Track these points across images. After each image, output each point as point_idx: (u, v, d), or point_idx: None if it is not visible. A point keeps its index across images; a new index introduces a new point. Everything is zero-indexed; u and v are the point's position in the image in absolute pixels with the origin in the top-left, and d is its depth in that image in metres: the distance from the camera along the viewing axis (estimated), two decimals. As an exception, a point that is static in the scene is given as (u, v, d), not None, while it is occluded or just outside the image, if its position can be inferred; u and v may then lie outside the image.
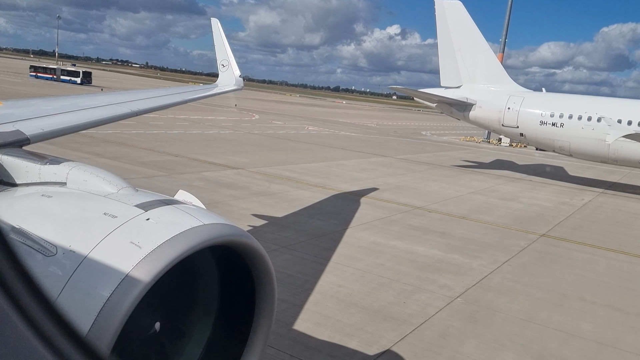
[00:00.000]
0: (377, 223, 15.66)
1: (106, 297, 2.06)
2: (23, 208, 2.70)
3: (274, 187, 19.26)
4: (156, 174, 18.29)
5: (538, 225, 17.77)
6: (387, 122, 79.73)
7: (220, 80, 12.31)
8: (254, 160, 25.25)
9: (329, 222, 15.04)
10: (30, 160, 3.11)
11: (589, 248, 15.50)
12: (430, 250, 13.45)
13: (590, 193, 26.90)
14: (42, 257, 2.22)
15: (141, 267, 2.14)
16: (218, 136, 34.30)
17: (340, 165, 27.05)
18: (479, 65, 31.21)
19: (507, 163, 37.49)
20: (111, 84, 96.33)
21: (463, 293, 10.61)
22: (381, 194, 20.35)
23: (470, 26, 31.44)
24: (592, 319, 10.04)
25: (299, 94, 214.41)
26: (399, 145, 42.93)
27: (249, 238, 2.60)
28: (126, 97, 6.78)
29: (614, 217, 21.18)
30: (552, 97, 30.54)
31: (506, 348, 8.36)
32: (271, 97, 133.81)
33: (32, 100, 6.10)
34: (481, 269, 12.32)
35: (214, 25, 13.23)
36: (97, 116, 5.27)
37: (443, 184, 24.69)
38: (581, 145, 26.49)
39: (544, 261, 13.63)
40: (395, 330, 8.52)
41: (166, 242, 2.25)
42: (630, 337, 9.33)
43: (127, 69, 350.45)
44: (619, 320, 10.10)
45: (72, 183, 2.93)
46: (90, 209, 2.59)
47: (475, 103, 30.37)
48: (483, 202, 21.16)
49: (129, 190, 2.79)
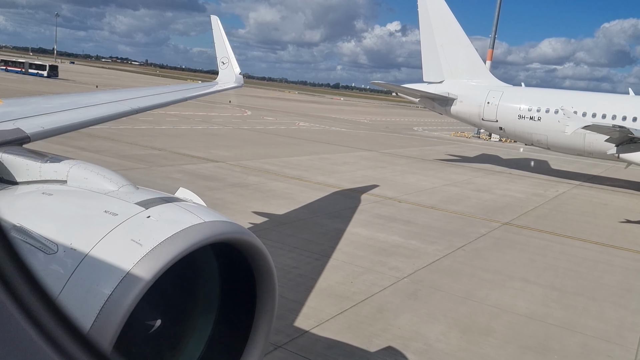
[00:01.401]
0: (345, 212, 16.31)
1: (107, 294, 2.08)
2: (24, 206, 2.71)
3: (250, 179, 19.91)
4: (135, 167, 18.96)
5: (504, 215, 18.41)
6: (381, 118, 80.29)
7: (220, 77, 12.32)
8: (236, 154, 25.90)
9: (297, 211, 15.68)
10: (30, 158, 3.13)
11: (548, 235, 16.15)
12: (391, 236, 14.10)
13: (567, 185, 27.53)
14: (44, 255, 2.23)
15: (142, 264, 2.15)
16: (206, 131, 34.93)
17: (323, 159, 27.69)
18: (460, 60, 31.81)
19: (492, 157, 38.09)
20: (108, 81, 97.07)
21: (411, 274, 11.27)
22: (356, 185, 20.96)
23: (451, 22, 32.02)
24: (528, 297, 10.70)
25: (297, 91, 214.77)
26: (387, 140, 43.52)
27: (249, 235, 2.62)
28: (126, 94, 6.84)
29: (583, 207, 21.81)
30: (530, 91, 31.15)
31: (437, 321, 9.02)
32: (269, 94, 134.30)
33: (32, 99, 6.17)
34: (435, 253, 12.97)
35: (214, 22, 13.26)
36: (97, 114, 5.31)
37: (421, 177, 25.32)
38: (558, 138, 27.08)
39: (498, 247, 14.28)
40: (336, 305, 9.17)
41: (167, 240, 2.27)
42: (560, 313, 9.98)
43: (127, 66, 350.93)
44: (554, 299, 10.76)
45: (72, 181, 2.94)
46: (91, 207, 2.61)
47: (457, 98, 30.99)
48: (456, 193, 21.79)
49: (130, 188, 2.81)
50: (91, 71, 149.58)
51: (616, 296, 11.27)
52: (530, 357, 8.05)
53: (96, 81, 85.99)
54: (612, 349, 8.63)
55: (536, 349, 8.36)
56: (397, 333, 8.35)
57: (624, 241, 16.40)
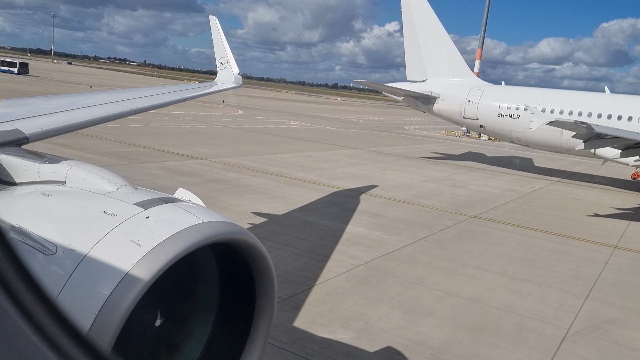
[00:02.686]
0: (317, 206, 16.88)
1: (106, 295, 2.09)
2: (22, 207, 2.71)
3: (230, 175, 20.47)
4: (116, 163, 19.51)
5: (474, 209, 18.98)
6: (375, 118, 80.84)
7: (219, 78, 12.38)
8: (220, 151, 26.46)
9: (269, 204, 16.24)
10: (29, 159, 3.14)
11: (512, 227, 16.73)
12: (357, 228, 14.66)
13: (545, 182, 28.12)
14: (42, 256, 2.24)
15: (141, 265, 2.16)
16: (194, 130, 35.48)
17: (306, 156, 28.24)
18: (442, 59, 32.42)
19: (477, 155, 38.68)
20: (104, 81, 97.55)
21: (368, 262, 11.83)
22: (334, 181, 21.52)
23: (434, 22, 32.63)
24: (477, 283, 11.27)
25: (295, 92, 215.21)
26: (375, 139, 44.09)
27: (248, 236, 2.63)
28: (125, 95, 6.85)
29: (555, 202, 22.39)
30: (510, 89, 31.75)
31: (383, 303, 9.59)
32: (265, 94, 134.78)
33: (31, 99, 6.16)
34: (396, 243, 13.54)
35: (213, 23, 13.31)
36: (96, 114, 5.32)
37: (401, 173, 25.89)
38: (536, 135, 27.64)
39: (460, 237, 14.86)
40: (289, 290, 9.72)
41: (166, 240, 2.27)
42: (504, 297, 10.55)
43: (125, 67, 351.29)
44: (502, 284, 11.33)
45: (71, 182, 2.95)
46: (90, 208, 2.61)
47: (439, 96, 31.58)
48: (432, 189, 22.36)
49: (129, 189, 2.82)
50: (87, 72, 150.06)
51: (563, 282, 11.85)
52: (463, 335, 8.61)
53: (91, 81, 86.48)
54: (544, 328, 9.19)
55: (471, 327, 8.93)
56: (341, 313, 8.92)
57: (587, 233, 16.98)
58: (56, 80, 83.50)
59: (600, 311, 10.32)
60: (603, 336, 9.13)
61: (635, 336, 9.30)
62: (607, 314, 10.23)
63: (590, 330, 9.33)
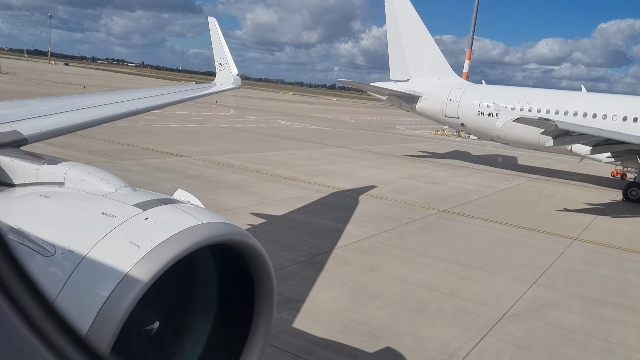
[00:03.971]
0: (290, 200, 17.42)
1: (105, 296, 2.09)
2: (21, 208, 2.72)
3: (209, 171, 21.02)
4: (97, 160, 20.04)
5: (445, 203, 19.54)
6: (367, 118, 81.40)
7: (218, 78, 12.44)
8: (204, 149, 27.00)
9: (242, 199, 16.78)
10: (28, 160, 3.15)
11: (478, 221, 17.28)
12: (325, 221, 15.21)
13: (524, 179, 28.70)
14: (41, 258, 2.24)
15: (140, 266, 2.17)
16: (181, 129, 36.04)
17: (290, 154, 28.79)
18: (425, 59, 33.04)
19: (462, 154, 39.24)
20: (100, 82, 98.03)
21: (327, 252, 12.38)
22: (312, 178, 22.06)
23: (416, 22, 33.26)
24: (430, 270, 11.82)
25: (292, 92, 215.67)
26: (363, 138, 44.66)
27: (247, 237, 2.64)
28: (124, 96, 6.89)
29: (528, 198, 22.96)
30: (489, 89, 32.37)
31: (333, 288, 10.14)
32: (261, 95, 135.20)
33: (29, 100, 6.21)
34: (360, 235, 14.08)
35: (211, 23, 13.36)
36: (95, 116, 5.35)
37: (381, 170, 26.43)
38: (514, 133, 28.19)
39: (425, 230, 15.41)
40: (246, 275, 10.27)
41: (165, 242, 2.27)
42: (452, 283, 11.10)
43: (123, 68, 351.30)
44: (453, 272, 11.88)
45: (70, 183, 2.96)
46: (89, 209, 2.62)
47: (421, 95, 32.17)
48: (408, 185, 22.92)
49: (127, 190, 2.83)
50: (83, 72, 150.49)
51: (514, 271, 12.40)
52: (404, 316, 9.16)
53: (86, 82, 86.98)
54: (483, 310, 9.75)
55: (413, 310, 9.48)
56: (290, 296, 9.46)
57: (551, 226, 17.54)
58: (79, 84, 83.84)
59: (542, 296, 10.88)
60: (539, 318, 9.69)
61: (570, 318, 9.86)
62: (548, 298, 10.79)
63: (527, 312, 9.89)
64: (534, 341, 8.67)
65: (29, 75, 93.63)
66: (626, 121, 25.43)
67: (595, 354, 8.44)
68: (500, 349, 8.24)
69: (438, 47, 33.67)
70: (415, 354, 7.80)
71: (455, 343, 8.28)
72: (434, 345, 8.17)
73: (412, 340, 8.24)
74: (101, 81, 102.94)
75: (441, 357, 7.79)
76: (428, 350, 7.98)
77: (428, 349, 8.02)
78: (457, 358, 7.81)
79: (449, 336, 8.51)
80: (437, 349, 8.05)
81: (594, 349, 8.64)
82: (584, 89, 31.23)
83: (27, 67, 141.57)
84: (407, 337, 8.33)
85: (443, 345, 8.19)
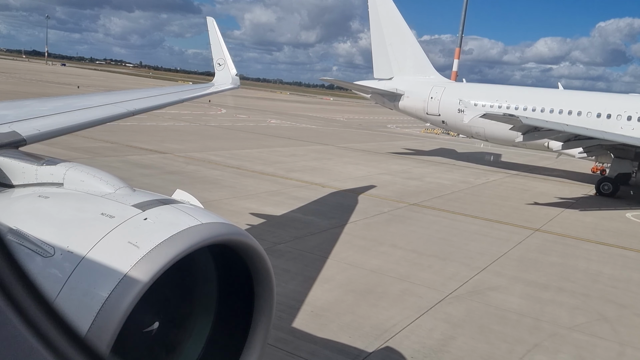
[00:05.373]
0: (264, 195, 17.99)
1: (105, 297, 2.10)
2: (20, 209, 2.72)
3: (189, 167, 21.59)
4: (79, 157, 20.57)
5: (417, 197, 20.11)
6: (360, 117, 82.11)
7: (217, 79, 12.51)
8: (188, 147, 27.56)
9: (217, 193, 17.35)
10: (26, 161, 3.16)
11: (444, 213, 17.87)
12: (293, 213, 15.78)
13: (502, 174, 29.30)
14: (40, 258, 2.25)
15: (139, 267, 2.17)
16: (169, 127, 36.58)
17: (272, 152, 29.35)
18: (407, 58, 33.69)
19: (447, 151, 39.84)
20: (95, 82, 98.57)
21: (289, 241, 12.93)
22: (290, 173, 22.62)
23: (399, 22, 33.91)
24: (385, 257, 12.39)
25: (289, 92, 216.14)
26: (351, 136, 45.24)
27: (247, 237, 2.65)
28: (122, 97, 6.92)
29: (501, 192, 23.54)
30: (470, 87, 33.04)
31: (288, 273, 10.69)
32: (257, 94, 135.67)
33: (27, 101, 6.22)
34: (325, 226, 14.65)
35: (210, 24, 13.43)
36: (93, 116, 5.39)
37: (361, 167, 27.00)
38: (493, 130, 28.79)
39: (390, 221, 15.98)
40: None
41: (164, 242, 2.28)
42: (404, 269, 11.68)
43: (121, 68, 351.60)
44: (408, 259, 12.46)
45: (69, 184, 2.97)
46: (88, 210, 2.64)
47: (404, 93, 32.80)
48: (385, 181, 23.47)
49: (126, 190, 2.85)
50: (80, 73, 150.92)
51: (467, 258, 12.98)
52: (349, 297, 9.74)
53: (80, 82, 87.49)
54: (427, 292, 10.33)
55: (360, 292, 10.06)
56: (244, 280, 10.02)
57: (516, 219, 18.12)
58: (73, 85, 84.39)
59: (488, 281, 11.46)
60: (478, 299, 10.27)
61: (509, 299, 10.44)
62: (493, 282, 11.37)
63: (469, 295, 10.47)
64: (468, 320, 9.26)
65: (25, 76, 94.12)
66: (600, 118, 26.05)
67: (522, 330, 9.02)
68: (434, 326, 8.82)
69: (420, 46, 34.40)
70: (352, 330, 8.38)
71: (392, 321, 8.86)
72: (372, 322, 8.74)
73: (351, 318, 8.82)
74: (96, 81, 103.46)
75: (375, 333, 8.37)
76: (364, 327, 8.56)
77: (365, 325, 8.60)
78: (391, 333, 8.39)
79: (387, 315, 9.09)
80: (374, 325, 8.63)
81: (523, 326, 9.22)
82: (560, 86, 31.89)
83: (24, 67, 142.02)
84: (347, 316, 8.91)
85: (380, 322, 8.77)
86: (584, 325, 9.55)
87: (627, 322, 9.93)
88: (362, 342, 8.00)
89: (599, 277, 12.51)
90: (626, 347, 8.80)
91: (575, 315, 10.01)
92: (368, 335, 8.27)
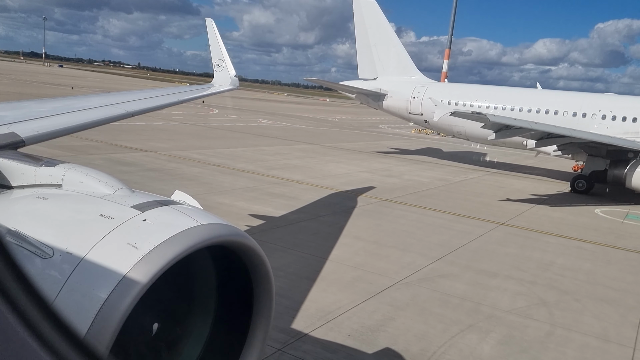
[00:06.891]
0: (239, 191, 18.52)
1: (104, 298, 2.10)
2: (19, 210, 2.73)
3: (170, 165, 22.12)
4: (62, 154, 21.09)
5: (391, 194, 20.64)
6: (353, 117, 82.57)
7: (216, 80, 12.63)
8: (173, 145, 28.09)
9: (192, 189, 17.82)
10: (25, 162, 3.17)
11: (414, 208, 18.41)
12: (265, 208, 16.31)
13: (482, 173, 29.86)
14: (39, 260, 2.25)
15: (138, 268, 2.18)
16: (158, 127, 37.09)
17: (258, 151, 29.89)
18: (391, 58, 34.33)
19: (433, 150, 40.43)
20: (91, 83, 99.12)
21: (255, 233, 13.46)
22: (270, 171, 23.16)
23: (383, 23, 34.57)
24: (346, 248, 12.92)
25: (287, 93, 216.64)
26: (339, 136, 45.80)
27: (246, 238, 2.68)
28: (121, 98, 6.94)
29: (477, 189, 24.09)
30: (451, 87, 33.67)
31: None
32: (254, 95, 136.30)
33: (26, 102, 6.23)
34: (294, 219, 15.19)
35: (209, 25, 13.56)
36: (92, 117, 5.40)
37: (343, 165, 27.53)
38: (473, 129, 29.31)
39: (357, 215, 16.52)
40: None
41: (163, 243, 2.29)
42: (361, 258, 12.21)
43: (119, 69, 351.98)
44: (368, 250, 13.00)
45: (67, 185, 2.97)
46: (87, 211, 2.64)
47: (387, 93, 33.41)
48: (363, 178, 24.01)
49: (125, 192, 2.86)
50: (76, 74, 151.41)
51: (426, 249, 13.51)
52: (302, 283, 10.28)
53: (76, 84, 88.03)
54: (377, 279, 10.87)
55: (312, 278, 10.60)
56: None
57: (485, 213, 18.66)
58: (66, 85, 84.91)
59: (440, 269, 12.01)
60: (426, 286, 10.82)
61: (456, 286, 10.98)
62: (445, 271, 11.91)
63: (418, 281, 11.02)
64: (412, 303, 9.80)
65: (21, 77, 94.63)
66: (575, 116, 26.65)
67: (461, 313, 9.56)
68: (376, 309, 9.36)
69: (404, 47, 35.04)
70: (298, 312, 8.91)
71: (338, 304, 9.40)
72: (318, 305, 9.28)
73: (299, 302, 9.35)
74: (92, 82, 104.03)
75: (319, 314, 8.90)
76: (310, 309, 9.10)
77: (310, 308, 9.14)
78: (334, 315, 8.93)
79: (334, 299, 9.63)
80: (320, 308, 9.17)
81: (463, 309, 9.76)
82: (539, 86, 32.53)
83: (21, 69, 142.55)
84: (297, 300, 9.44)
85: (326, 305, 9.31)
86: (522, 309, 10.10)
87: (565, 306, 10.48)
88: (304, 323, 8.53)
89: (550, 267, 13.06)
90: (557, 327, 9.35)
91: (516, 300, 10.56)
92: (312, 316, 8.80)
